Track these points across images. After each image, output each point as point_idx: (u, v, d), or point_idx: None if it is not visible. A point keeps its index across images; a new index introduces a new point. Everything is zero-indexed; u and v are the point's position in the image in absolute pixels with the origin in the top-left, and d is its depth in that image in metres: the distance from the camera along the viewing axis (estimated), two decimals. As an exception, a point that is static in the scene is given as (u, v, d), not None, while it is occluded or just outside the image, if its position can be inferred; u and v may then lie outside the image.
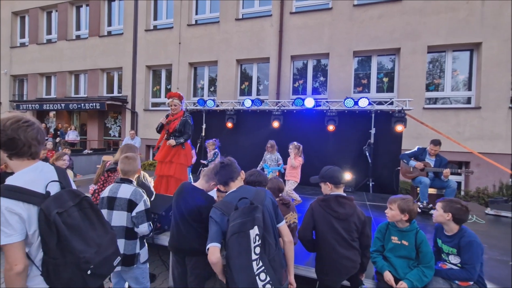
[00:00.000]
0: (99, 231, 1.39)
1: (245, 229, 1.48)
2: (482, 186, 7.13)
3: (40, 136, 1.36)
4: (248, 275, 1.43)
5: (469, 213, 2.10)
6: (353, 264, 2.07)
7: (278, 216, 1.74)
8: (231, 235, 1.49)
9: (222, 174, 1.91)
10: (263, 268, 1.46)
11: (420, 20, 7.90)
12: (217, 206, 1.72)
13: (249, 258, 1.45)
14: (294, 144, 4.79)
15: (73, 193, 1.37)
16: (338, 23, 8.68)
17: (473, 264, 1.96)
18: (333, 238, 2.05)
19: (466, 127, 7.59)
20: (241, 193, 1.72)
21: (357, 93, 8.75)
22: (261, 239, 1.50)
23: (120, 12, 11.99)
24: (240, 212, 1.56)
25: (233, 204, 1.64)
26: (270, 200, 1.72)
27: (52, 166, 1.44)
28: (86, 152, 9.90)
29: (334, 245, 2.03)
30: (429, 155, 4.68)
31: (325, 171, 2.23)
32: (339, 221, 2.07)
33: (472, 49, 7.80)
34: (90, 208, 1.39)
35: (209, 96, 10.54)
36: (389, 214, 2.17)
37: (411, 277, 2.04)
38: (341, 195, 2.13)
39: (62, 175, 1.42)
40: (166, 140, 4.20)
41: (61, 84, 12.85)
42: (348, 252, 2.04)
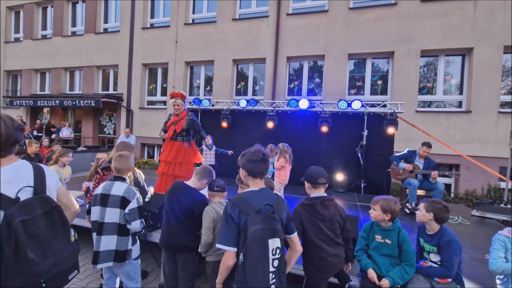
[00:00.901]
0: (62, 242, 1.36)
1: (265, 237, 1.46)
2: (471, 189, 7.30)
3: (6, 131, 1.31)
4: (263, 285, 1.43)
5: (449, 213, 2.19)
6: (339, 259, 2.16)
7: (290, 227, 1.69)
8: (253, 240, 1.44)
9: (258, 166, 1.68)
10: (274, 281, 1.47)
11: (414, 24, 8.03)
12: (236, 203, 1.58)
13: (267, 269, 1.44)
14: (279, 146, 4.70)
15: (44, 200, 1.34)
16: (334, 26, 8.78)
17: (452, 262, 2.05)
18: (320, 239, 2.11)
19: (457, 131, 7.74)
20: (264, 196, 1.63)
21: (352, 95, 8.86)
22: (280, 254, 1.49)
23: (117, 9, 11.95)
24: (263, 217, 1.50)
25: (253, 205, 1.55)
26: (286, 213, 1.66)
27: (31, 165, 1.41)
28: (80, 149, 9.86)
29: (321, 245, 2.10)
30: (419, 157, 4.79)
31: (307, 170, 2.28)
32: (324, 222, 2.13)
33: (464, 54, 7.96)
34: (58, 218, 1.36)
35: (205, 95, 10.57)
36: (372, 214, 2.26)
37: (393, 275, 2.13)
38: (325, 198, 2.17)
39: (39, 178, 1.40)
40: (172, 141, 4.21)
41: (56, 80, 12.76)
42: (334, 250, 2.13)
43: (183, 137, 4.20)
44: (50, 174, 1.50)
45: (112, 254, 2.27)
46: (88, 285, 3.11)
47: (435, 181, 4.50)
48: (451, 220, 4.37)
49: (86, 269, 3.42)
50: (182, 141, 4.20)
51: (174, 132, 4.15)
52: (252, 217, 1.49)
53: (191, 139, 4.33)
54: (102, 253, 2.25)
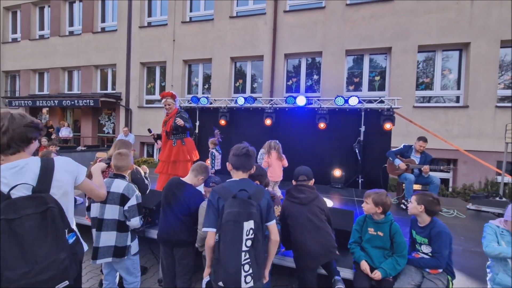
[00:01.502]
0: (50, 248, 1.26)
1: (241, 220, 1.57)
2: (469, 183, 7.33)
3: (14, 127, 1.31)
4: (234, 263, 1.53)
5: (440, 206, 2.23)
6: (324, 248, 2.25)
7: (269, 215, 1.78)
8: (227, 221, 1.57)
9: (241, 160, 1.83)
10: (248, 260, 1.55)
11: (411, 20, 8.04)
12: (216, 190, 1.76)
13: (240, 248, 1.54)
14: (266, 144, 4.72)
15: (40, 200, 1.28)
16: (331, 22, 8.78)
17: (442, 252, 2.10)
18: (301, 224, 2.27)
19: (454, 125, 7.78)
20: (242, 185, 1.75)
21: (350, 91, 8.89)
22: (254, 234, 1.58)
23: (114, 8, 11.94)
24: (238, 201, 1.63)
25: (231, 191, 1.69)
26: (266, 200, 1.76)
27: (40, 162, 1.38)
28: (79, 149, 9.91)
29: (303, 231, 2.26)
30: (415, 152, 4.83)
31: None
32: (302, 206, 2.35)
33: (461, 49, 7.97)
34: (51, 220, 1.28)
35: (204, 93, 10.59)
36: (365, 208, 2.31)
37: (385, 266, 2.18)
38: (300, 184, 2.45)
39: (44, 176, 1.35)
40: (168, 140, 4.26)
41: (54, 80, 12.78)
42: (317, 235, 2.25)
43: (175, 135, 4.23)
44: (64, 171, 1.44)
45: (111, 250, 2.31)
46: (88, 281, 3.16)
47: (428, 175, 4.53)
48: (447, 213, 4.42)
49: (86, 266, 3.47)
50: (172, 139, 4.24)
51: (166, 133, 4.22)
52: (229, 201, 1.64)
53: (187, 136, 4.35)
54: (102, 249, 2.29)
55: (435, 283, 2.10)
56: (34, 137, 1.42)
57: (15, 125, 1.32)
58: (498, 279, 2.00)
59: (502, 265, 2.00)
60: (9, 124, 1.31)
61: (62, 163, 1.47)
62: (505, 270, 1.99)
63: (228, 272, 1.53)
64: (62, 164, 1.46)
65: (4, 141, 1.31)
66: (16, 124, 1.32)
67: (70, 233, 1.41)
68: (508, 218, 2.04)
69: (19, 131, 1.33)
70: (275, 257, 2.68)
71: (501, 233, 2.05)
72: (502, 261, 1.99)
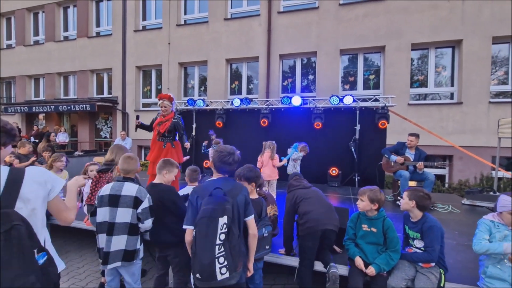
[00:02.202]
0: (17, 271, 1.11)
1: (215, 215, 1.66)
2: (464, 179, 7.41)
3: None
4: (209, 255, 1.62)
5: (430, 200, 2.28)
6: (327, 216, 2.49)
7: (247, 211, 1.87)
8: (202, 217, 1.68)
9: (225, 167, 1.93)
10: (223, 253, 1.63)
11: (403, 18, 8.12)
12: (195, 190, 1.90)
13: (213, 241, 1.63)
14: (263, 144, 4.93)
15: (4, 218, 1.13)
16: (325, 22, 8.85)
17: (434, 246, 2.14)
18: (307, 198, 2.60)
19: (449, 122, 7.86)
20: (219, 183, 1.86)
21: (345, 91, 8.95)
22: (227, 228, 1.67)
23: (109, 12, 11.95)
24: (213, 199, 1.73)
25: (208, 190, 1.80)
26: (244, 197, 1.86)
27: (7, 173, 1.24)
28: (77, 153, 9.89)
29: (309, 202, 2.58)
30: (409, 148, 4.88)
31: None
32: (305, 189, 2.74)
33: (454, 46, 8.06)
34: (17, 240, 1.13)
35: (200, 95, 10.62)
36: (360, 205, 2.35)
37: (379, 262, 2.23)
38: (295, 176, 2.94)
39: (10, 188, 1.21)
40: (158, 142, 4.28)
41: (50, 86, 12.77)
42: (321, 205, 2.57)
43: (165, 137, 4.27)
44: (35, 183, 1.29)
45: (121, 253, 2.28)
46: (87, 285, 3.18)
47: (423, 172, 4.59)
48: (442, 209, 4.47)
49: (85, 270, 3.49)
50: (162, 141, 4.28)
51: (158, 133, 4.22)
52: (205, 199, 1.75)
53: (175, 140, 4.40)
54: (112, 253, 2.26)
55: (428, 276, 2.14)
56: (3, 143, 1.29)
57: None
58: (489, 272, 2.05)
59: (491, 259, 2.05)
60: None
61: (33, 174, 1.31)
62: (494, 264, 2.03)
63: (203, 264, 1.62)
64: (33, 175, 1.30)
65: None
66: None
67: (40, 253, 1.25)
68: (501, 209, 2.05)
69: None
70: (273, 256, 2.72)
71: (497, 227, 2.06)
72: (492, 255, 2.03)
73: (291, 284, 3.11)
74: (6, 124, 1.30)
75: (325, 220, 2.45)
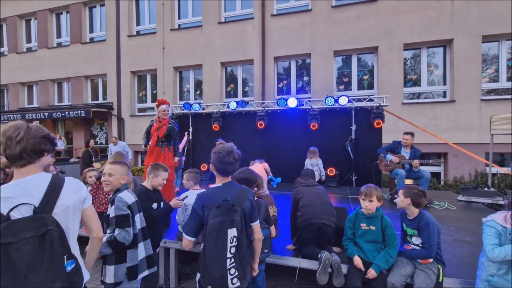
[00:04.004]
0: (45, 276, 1.13)
1: (224, 228, 1.64)
2: (459, 175, 7.51)
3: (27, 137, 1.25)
4: (220, 269, 1.61)
5: (425, 197, 2.33)
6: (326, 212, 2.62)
7: (253, 216, 1.85)
8: (211, 231, 1.64)
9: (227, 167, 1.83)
10: (234, 264, 1.64)
11: (394, 19, 8.25)
12: (201, 198, 1.79)
13: (224, 255, 1.62)
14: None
15: (40, 222, 1.17)
16: (318, 24, 8.95)
17: (431, 243, 2.19)
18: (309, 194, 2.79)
19: (442, 120, 7.97)
20: (225, 191, 1.80)
21: (340, 91, 9.04)
22: (237, 241, 1.66)
23: (102, 18, 11.92)
24: (221, 211, 1.67)
25: (214, 201, 1.73)
26: (250, 202, 1.82)
27: (49, 180, 1.30)
28: (72, 160, 9.82)
29: (310, 198, 2.74)
30: (404, 147, 4.95)
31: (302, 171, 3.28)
32: (308, 187, 2.92)
33: (445, 45, 8.20)
34: (50, 245, 1.16)
35: (196, 99, 10.63)
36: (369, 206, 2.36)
37: (378, 262, 2.27)
38: (303, 177, 3.11)
39: (49, 195, 1.26)
40: (156, 147, 4.36)
41: (44, 93, 12.66)
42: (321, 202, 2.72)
43: (163, 142, 4.39)
44: (73, 191, 1.37)
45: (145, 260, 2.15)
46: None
47: (418, 169, 4.66)
48: (438, 206, 4.54)
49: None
50: (160, 146, 4.38)
51: (157, 138, 4.32)
52: (213, 211, 1.68)
53: (171, 144, 4.51)
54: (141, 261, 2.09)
55: (426, 272, 2.18)
56: (47, 150, 1.36)
57: (30, 135, 1.27)
58: (494, 282, 1.85)
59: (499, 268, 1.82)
60: (24, 134, 1.26)
61: (72, 183, 1.39)
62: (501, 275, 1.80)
63: (214, 278, 1.62)
64: (72, 184, 1.39)
65: (17, 151, 1.24)
66: (32, 134, 1.28)
67: (70, 260, 1.27)
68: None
69: (33, 141, 1.27)
70: (275, 257, 2.75)
71: (509, 235, 1.78)
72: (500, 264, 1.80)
73: (292, 285, 3.14)
74: (49, 133, 1.38)
75: (321, 214, 2.59)
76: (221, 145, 1.92)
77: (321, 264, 2.41)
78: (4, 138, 1.25)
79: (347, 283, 2.31)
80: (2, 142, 1.26)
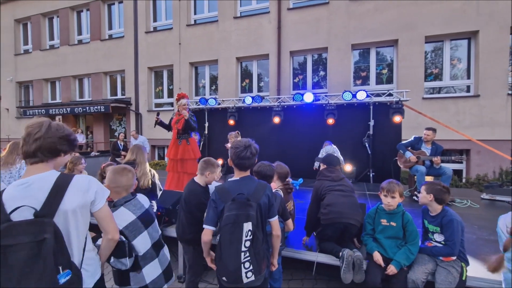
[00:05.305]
0: (36, 285, 1.06)
1: (239, 221, 1.66)
2: (482, 173, 7.23)
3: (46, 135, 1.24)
4: (235, 262, 1.65)
5: (449, 194, 2.27)
6: (350, 211, 2.50)
7: (271, 212, 1.85)
8: (226, 224, 1.67)
9: (244, 162, 1.86)
10: (248, 258, 1.66)
11: (415, 10, 7.96)
12: (218, 191, 1.82)
13: (239, 248, 1.64)
14: None
15: (38, 227, 1.10)
16: (335, 17, 8.77)
17: (454, 240, 2.13)
18: (333, 191, 2.65)
19: (465, 115, 7.68)
20: (242, 185, 1.82)
21: (357, 86, 8.86)
22: (252, 235, 1.67)
23: (120, 15, 12.19)
24: (236, 204, 1.70)
25: (230, 194, 1.76)
26: (267, 198, 1.81)
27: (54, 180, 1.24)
28: (93, 154, 10.19)
29: (334, 195, 2.62)
30: (425, 143, 4.81)
31: (325, 156, 3.11)
32: (334, 182, 2.74)
33: (470, 38, 7.84)
34: (44, 254, 1.08)
35: (211, 94, 10.72)
36: (391, 202, 2.32)
37: (398, 258, 2.24)
38: (330, 167, 2.91)
39: (53, 197, 1.20)
40: (176, 139, 4.46)
41: (66, 88, 13.15)
42: (345, 200, 2.59)
43: (181, 135, 4.44)
44: (79, 191, 1.28)
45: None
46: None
47: (440, 166, 4.52)
48: (460, 204, 4.40)
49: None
50: (178, 139, 4.45)
51: (177, 131, 4.41)
52: (228, 204, 1.72)
53: (191, 136, 4.56)
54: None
55: (449, 270, 2.13)
56: (64, 151, 1.33)
57: (49, 134, 1.25)
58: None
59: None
60: (44, 133, 1.24)
61: (81, 183, 1.31)
62: None
63: (229, 270, 1.65)
64: (80, 184, 1.30)
65: (31, 149, 1.23)
66: (51, 133, 1.26)
67: (66, 271, 1.17)
68: None
69: (51, 140, 1.25)
70: (291, 251, 2.77)
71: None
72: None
73: (308, 279, 3.15)
74: (70, 134, 1.36)
75: (347, 214, 2.47)
76: (238, 140, 1.95)
77: (344, 262, 2.35)
78: (25, 134, 1.24)
79: (366, 278, 2.29)
80: (22, 138, 1.25)
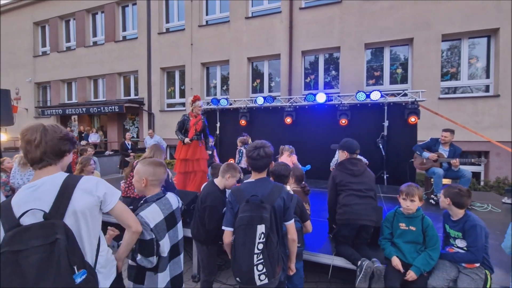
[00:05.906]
0: (59, 283, 1.06)
1: (253, 223, 1.65)
2: (502, 176, 6.97)
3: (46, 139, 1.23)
4: (248, 263, 1.64)
5: (468, 197, 2.18)
6: (365, 212, 2.46)
7: (286, 215, 1.82)
8: (239, 225, 1.67)
9: (254, 162, 1.86)
10: (262, 261, 1.64)
11: (432, 8, 7.75)
12: (234, 192, 1.86)
13: (252, 250, 1.63)
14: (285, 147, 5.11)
15: (49, 229, 1.10)
16: (348, 16, 8.64)
17: (477, 246, 2.05)
18: (351, 190, 2.54)
19: (484, 116, 7.42)
20: (257, 187, 1.82)
21: (370, 86, 8.70)
22: (266, 237, 1.65)
23: (134, 16, 12.40)
24: (250, 206, 1.70)
25: (245, 195, 1.77)
26: (282, 200, 1.79)
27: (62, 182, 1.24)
28: (107, 153, 10.39)
29: (351, 195, 2.52)
30: (443, 145, 4.67)
31: (343, 142, 2.81)
32: (354, 177, 2.59)
33: (489, 35, 7.58)
34: (57, 255, 1.08)
35: (222, 94, 10.76)
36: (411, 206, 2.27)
37: (418, 263, 2.17)
38: (353, 157, 2.68)
39: (61, 199, 1.19)
40: (193, 141, 4.55)
41: (81, 89, 13.49)
42: (362, 201, 2.50)
43: (198, 136, 4.59)
44: (86, 192, 1.27)
45: None
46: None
47: (458, 169, 4.38)
48: (480, 208, 4.25)
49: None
50: (197, 140, 4.59)
51: (195, 132, 4.51)
52: (242, 205, 1.73)
53: (202, 138, 4.72)
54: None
55: (472, 277, 2.06)
56: (68, 150, 1.32)
57: (48, 138, 1.24)
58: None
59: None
60: (41, 137, 1.22)
61: (89, 183, 1.30)
62: None
63: (242, 271, 1.65)
64: (89, 184, 1.30)
65: (37, 155, 1.22)
66: (49, 137, 1.24)
67: (81, 270, 1.16)
68: None
69: (52, 143, 1.25)
70: (308, 254, 2.74)
71: None
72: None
73: (323, 282, 3.11)
74: (67, 132, 1.34)
75: (364, 215, 2.45)
76: (256, 141, 1.93)
77: (362, 272, 2.29)
78: (24, 143, 1.22)
79: (385, 284, 2.23)
80: (22, 147, 1.23)
